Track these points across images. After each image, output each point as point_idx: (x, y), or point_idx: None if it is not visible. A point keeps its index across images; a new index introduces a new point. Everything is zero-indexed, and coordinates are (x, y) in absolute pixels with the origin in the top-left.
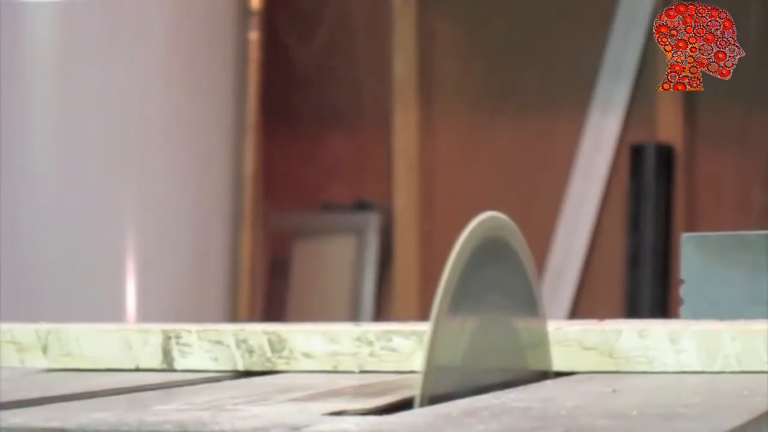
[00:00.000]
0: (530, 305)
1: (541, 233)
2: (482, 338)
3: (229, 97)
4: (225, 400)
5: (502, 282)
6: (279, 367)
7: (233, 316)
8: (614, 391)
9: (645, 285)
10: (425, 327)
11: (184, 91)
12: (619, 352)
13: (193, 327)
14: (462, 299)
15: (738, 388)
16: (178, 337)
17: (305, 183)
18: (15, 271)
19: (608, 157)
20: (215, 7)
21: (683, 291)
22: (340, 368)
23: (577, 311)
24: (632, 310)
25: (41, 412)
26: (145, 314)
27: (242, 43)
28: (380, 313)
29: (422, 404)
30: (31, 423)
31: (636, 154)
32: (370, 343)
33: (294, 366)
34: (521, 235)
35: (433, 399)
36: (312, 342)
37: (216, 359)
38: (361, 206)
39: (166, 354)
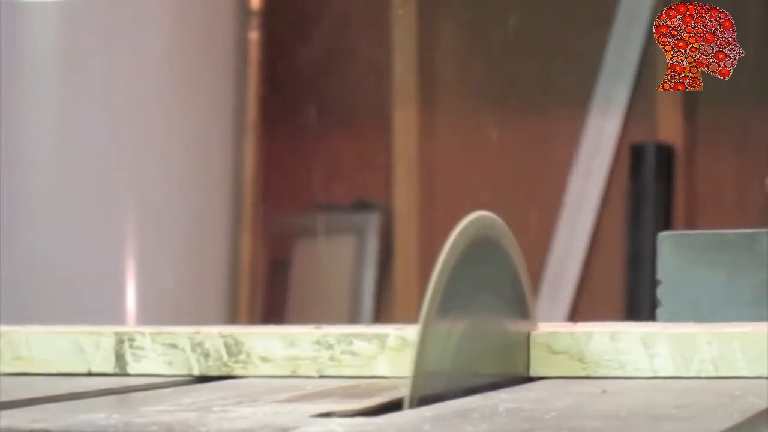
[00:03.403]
0: (520, 305)
1: (541, 233)
2: (472, 339)
3: (229, 97)
4: (213, 401)
5: (492, 282)
6: (236, 372)
7: (233, 316)
8: (604, 391)
9: (645, 285)
10: (389, 330)
11: (184, 91)
12: (590, 357)
13: (147, 329)
14: (451, 300)
15: (730, 388)
16: (131, 340)
17: (305, 183)
18: (15, 272)
19: (608, 157)
20: (215, 7)
21: (660, 292)
22: (299, 373)
23: (577, 311)
24: (632, 311)
25: (27, 414)
26: (145, 314)
27: (242, 43)
28: (380, 313)
29: (412, 405)
30: (16, 425)
31: (636, 154)
32: (331, 347)
33: (251, 371)
34: (511, 235)
35: (423, 400)
36: (270, 345)
37: (170, 363)
38: (361, 206)
39: (119, 358)
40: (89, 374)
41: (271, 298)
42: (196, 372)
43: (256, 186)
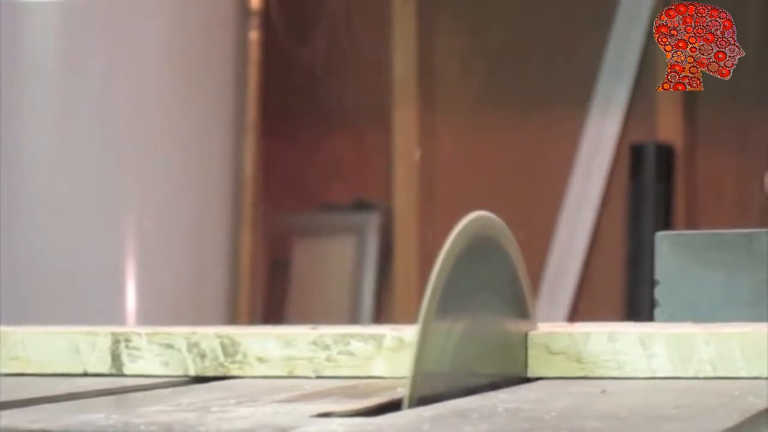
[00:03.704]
0: (520, 306)
1: (541, 233)
2: (471, 339)
3: (229, 97)
4: (212, 401)
5: (491, 282)
6: (232, 372)
7: (233, 317)
8: (603, 391)
9: (645, 285)
10: (386, 330)
11: (184, 91)
12: (588, 357)
13: (143, 330)
14: (450, 300)
15: (729, 388)
16: (127, 340)
17: (305, 183)
18: (15, 272)
19: (608, 157)
20: (215, 7)
21: (658, 292)
22: (295, 373)
23: (577, 311)
24: (632, 311)
25: (25, 414)
26: (145, 315)
27: (242, 43)
28: (380, 313)
29: (411, 405)
30: (15, 425)
31: (636, 154)
32: (327, 347)
33: (247, 371)
34: (511, 235)
35: (422, 400)
36: (266, 346)
37: (166, 364)
38: (361, 206)
39: (115, 358)
40: (85, 375)
41: (271, 298)
42: (192, 372)
43: (256, 186)
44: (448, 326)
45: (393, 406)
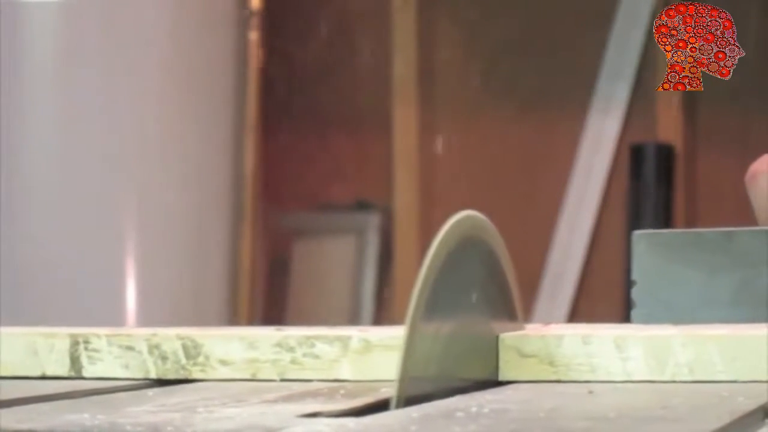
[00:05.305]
0: (506, 307)
1: (541, 233)
2: (458, 340)
3: (229, 97)
4: (198, 401)
5: (478, 283)
6: (194, 375)
7: (233, 316)
8: (591, 392)
9: None
10: (352, 332)
11: (184, 91)
12: (561, 360)
13: (103, 331)
14: (437, 301)
15: (718, 389)
16: (86, 342)
17: (305, 183)
18: (15, 272)
19: (608, 157)
20: (215, 7)
21: (635, 293)
22: (259, 376)
23: (577, 312)
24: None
25: (11, 414)
26: (145, 315)
27: (242, 43)
28: (380, 313)
29: (398, 406)
30: (2, 425)
31: (636, 154)
32: (292, 349)
33: (210, 374)
34: (498, 235)
35: (409, 400)
36: (229, 348)
37: (127, 366)
38: (361, 206)
39: (74, 360)
40: (43, 377)
41: (271, 298)
42: (153, 375)
43: (256, 186)
44: (436, 327)
45: (380, 406)
